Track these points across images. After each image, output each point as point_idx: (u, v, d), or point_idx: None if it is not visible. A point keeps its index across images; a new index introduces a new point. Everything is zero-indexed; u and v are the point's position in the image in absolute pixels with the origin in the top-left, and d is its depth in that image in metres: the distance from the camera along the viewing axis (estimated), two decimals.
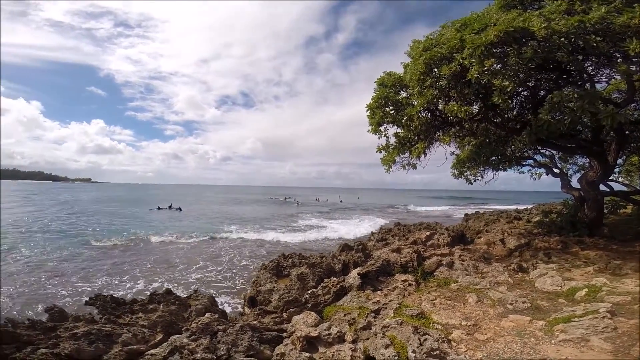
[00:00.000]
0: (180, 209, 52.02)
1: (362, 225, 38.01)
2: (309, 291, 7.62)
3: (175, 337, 5.30)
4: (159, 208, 52.92)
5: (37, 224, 33.62)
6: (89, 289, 14.73)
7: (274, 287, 8.73)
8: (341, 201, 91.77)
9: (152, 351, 5.30)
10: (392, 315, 5.32)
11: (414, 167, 11.22)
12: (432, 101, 8.52)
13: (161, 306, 6.76)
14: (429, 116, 9.99)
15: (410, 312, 5.22)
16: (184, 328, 5.72)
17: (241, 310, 9.72)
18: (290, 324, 6.31)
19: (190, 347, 4.71)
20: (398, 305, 5.67)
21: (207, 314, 5.86)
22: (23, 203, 59.11)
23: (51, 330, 5.46)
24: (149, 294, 7.65)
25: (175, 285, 15.15)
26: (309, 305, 7.33)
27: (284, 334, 5.88)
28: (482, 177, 14.09)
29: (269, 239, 27.83)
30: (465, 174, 13.75)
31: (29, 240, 25.26)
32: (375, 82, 10.71)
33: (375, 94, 10.16)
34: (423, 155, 10.54)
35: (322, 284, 7.76)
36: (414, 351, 3.84)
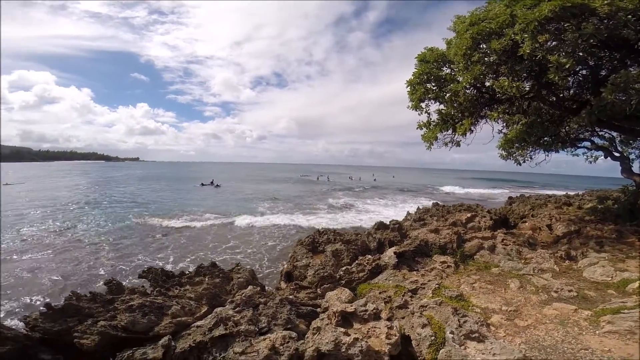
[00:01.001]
0: (218, 186, 58.07)
1: (397, 205, 38.00)
2: (344, 268, 7.91)
3: (220, 309, 5.83)
4: (202, 184, 59.53)
5: (93, 200, 38.34)
6: (139, 262, 16.15)
7: (310, 262, 9.14)
8: (375, 180, 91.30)
9: (198, 323, 5.83)
10: (431, 295, 5.48)
11: (458, 144, 11.05)
12: (478, 77, 8.28)
13: (206, 279, 7.43)
14: (475, 93, 9.65)
15: (449, 294, 5.34)
16: (229, 300, 6.17)
17: (277, 284, 10.23)
18: (324, 299, 6.67)
19: (235, 318, 5.16)
20: (437, 286, 5.80)
21: (249, 287, 6.32)
22: (81, 181, 69.06)
23: (109, 302, 6.14)
24: (193, 267, 8.20)
25: (212, 260, 16.31)
26: (343, 281, 7.66)
27: (318, 309, 6.32)
28: (531, 158, 13.47)
29: (300, 217, 29.08)
30: (513, 154, 13.21)
31: (85, 215, 28.58)
32: (415, 58, 10.60)
33: (416, 70, 10.14)
34: (469, 132, 10.30)
35: (356, 262, 8.02)
36: (452, 332, 4.00)
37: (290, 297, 6.94)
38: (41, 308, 6.08)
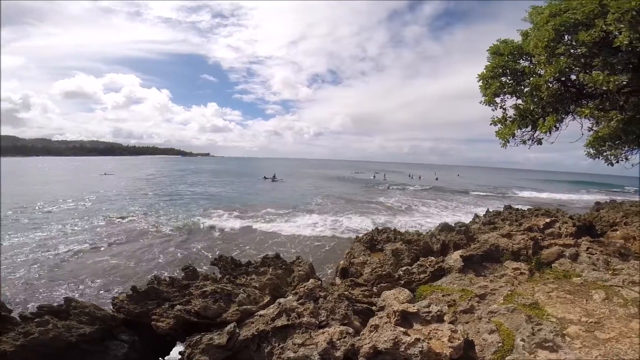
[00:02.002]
0: (276, 180, 65.38)
1: (462, 208, 36.27)
2: (404, 268, 7.94)
3: (284, 300, 6.35)
4: (265, 178, 69.14)
5: (170, 191, 44.84)
6: (204, 249, 18.01)
7: (367, 260, 9.28)
8: (437, 179, 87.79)
9: (261, 312, 6.33)
10: (502, 301, 5.33)
11: (539, 142, 10.49)
12: (564, 70, 7.82)
13: (270, 269, 7.98)
14: (559, 87, 9.07)
15: (522, 301, 5.15)
16: (293, 292, 6.56)
17: (331, 280, 10.47)
18: (381, 298, 6.88)
19: (299, 310, 5.53)
20: (509, 292, 5.59)
21: (311, 280, 6.64)
22: (161, 173, 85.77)
23: (185, 287, 6.85)
24: (259, 258, 8.81)
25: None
26: (402, 282, 7.75)
27: (374, 308, 6.58)
28: (626, 159, 12.08)
29: (353, 216, 29.59)
30: (604, 153, 12.01)
31: (162, 204, 33.60)
32: (487, 50, 10.40)
33: (489, 64, 10.04)
34: (553, 130, 9.72)
35: (418, 262, 7.98)
36: (523, 340, 3.90)
37: (346, 293, 7.11)
38: (128, 291, 6.92)
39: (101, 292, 13.27)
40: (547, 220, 12.06)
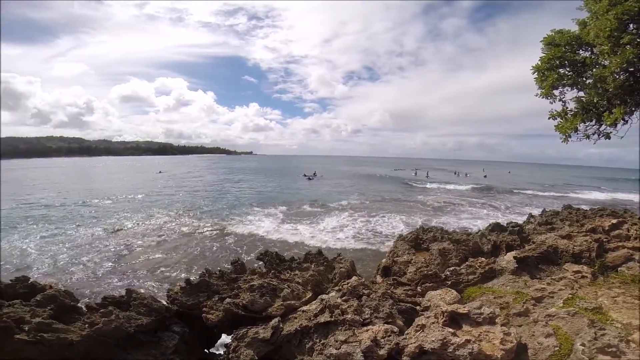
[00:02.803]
0: (313, 178, 70.19)
1: (514, 208, 34.54)
2: (451, 268, 7.86)
3: (327, 296, 6.51)
4: (304, 175, 73.80)
5: (217, 188, 49.76)
6: (246, 244, 19.09)
7: (412, 259, 9.25)
8: (485, 176, 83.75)
9: (304, 308, 6.51)
10: (561, 305, 5.13)
11: (607, 136, 9.99)
12: (632, 61, 7.38)
13: (312, 265, 8.08)
14: (627, 78, 8.61)
15: (584, 305, 4.96)
16: (337, 289, 6.74)
17: (372, 278, 10.48)
18: (425, 298, 6.87)
19: (342, 307, 5.69)
20: (570, 296, 5.37)
21: (354, 278, 6.74)
22: (209, 170, 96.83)
23: (234, 281, 7.27)
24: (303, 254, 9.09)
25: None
26: (449, 282, 7.73)
27: (417, 307, 6.61)
28: None
29: (392, 215, 29.06)
30: None
31: (210, 200, 37.45)
32: (541, 41, 10.15)
33: (544, 55, 9.87)
34: (620, 123, 9.21)
35: (466, 263, 7.87)
36: (583, 344, 3.78)
37: (388, 292, 7.12)
38: (181, 283, 7.40)
39: (153, 283, 14.41)
40: (614, 221, 11.28)
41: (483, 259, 8.34)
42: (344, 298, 6.20)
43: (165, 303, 7.05)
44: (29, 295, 5.95)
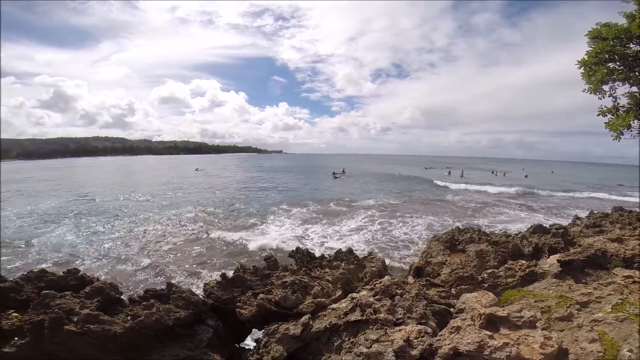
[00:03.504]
0: (337, 176, 72.94)
1: (558, 209, 32.79)
2: (489, 271, 7.76)
3: (359, 295, 6.65)
4: (333, 173, 76.31)
5: (250, 185, 53.74)
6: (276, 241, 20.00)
7: (446, 260, 9.18)
8: (526, 176, 79.97)
9: (333, 305, 6.66)
10: (609, 310, 4.96)
11: None
12: None
13: (342, 264, 8.16)
14: None
15: (635, 311, 4.78)
16: (369, 287, 6.77)
17: (403, 278, 10.47)
18: (460, 300, 6.95)
19: (375, 306, 5.78)
20: (620, 301, 5.20)
21: (387, 277, 6.82)
22: (242, 169, 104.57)
23: (266, 277, 7.53)
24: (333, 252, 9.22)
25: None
26: (486, 285, 7.68)
27: (452, 309, 6.60)
28: None
29: (408, 220, 28.74)
30: None
31: (242, 197, 40.60)
32: (586, 35, 9.70)
33: (591, 49, 9.54)
34: None
35: (505, 266, 7.73)
36: (630, 350, 3.71)
37: (420, 293, 7.11)
38: (217, 277, 7.79)
39: (188, 278, 15.23)
40: None
41: (523, 261, 8.16)
42: (376, 297, 6.27)
43: (201, 297, 7.38)
44: (78, 287, 6.46)
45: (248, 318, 6.97)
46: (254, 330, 7.84)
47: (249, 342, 8.07)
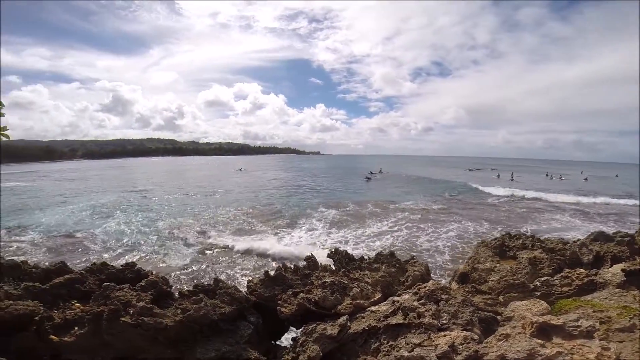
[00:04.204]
0: (370, 177, 74.30)
1: (621, 217, 30.05)
2: (542, 279, 7.52)
3: (400, 298, 6.96)
4: (370, 173, 79.49)
5: (289, 185, 54.70)
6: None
7: (495, 267, 8.96)
8: (586, 179, 74.10)
9: (372, 308, 6.75)
10: None
11: None
12: None
13: (383, 267, 8.16)
14: None
15: None
16: (413, 291, 6.88)
17: (446, 284, 10.30)
18: (509, 308, 6.61)
19: (420, 310, 5.85)
20: None
21: (432, 282, 6.86)
22: (281, 169, 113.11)
23: (306, 276, 7.77)
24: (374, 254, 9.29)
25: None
26: (538, 293, 7.50)
27: (498, 317, 6.39)
28: None
29: (440, 226, 28.13)
30: None
31: (282, 197, 40.65)
32: None
33: None
34: None
35: (561, 274, 7.43)
36: None
37: (467, 299, 6.98)
38: (260, 275, 8.16)
39: (229, 271, 16.05)
40: None
41: (582, 270, 7.77)
42: (421, 301, 6.26)
43: (244, 293, 7.71)
44: (134, 280, 7.04)
45: (287, 316, 7.21)
46: (289, 328, 8.06)
47: (284, 340, 8.35)
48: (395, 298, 6.85)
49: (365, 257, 9.33)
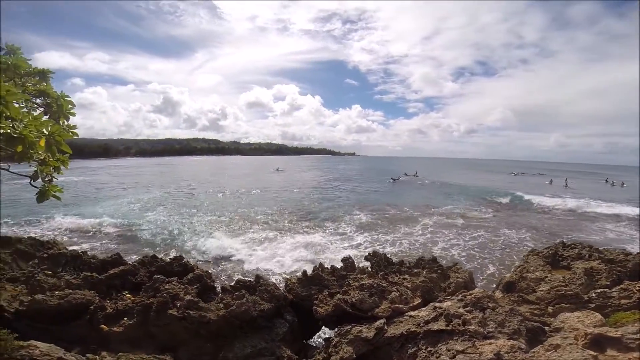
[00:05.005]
0: (396, 179, 75.17)
1: None
2: (599, 290, 7.31)
3: (443, 304, 6.86)
4: (405, 174, 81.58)
5: (324, 186, 56.83)
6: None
7: (546, 277, 8.76)
8: None
9: (412, 313, 6.80)
10: None
11: None
12: None
13: (424, 272, 8.19)
14: None
15: None
16: (455, 298, 6.91)
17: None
18: (558, 319, 6.47)
19: (465, 317, 5.96)
20: None
21: (478, 289, 6.82)
22: (318, 170, 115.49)
23: (343, 278, 7.96)
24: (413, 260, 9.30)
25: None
26: (592, 305, 7.42)
27: (546, 328, 6.27)
28: None
29: (466, 233, 26.42)
30: None
31: (318, 198, 44.01)
32: None
33: None
34: None
35: (621, 286, 7.10)
36: None
37: (514, 308, 6.82)
38: (298, 275, 8.39)
39: (264, 269, 16.77)
40: None
41: None
42: (467, 309, 6.22)
43: (282, 291, 7.94)
44: (181, 273, 7.52)
45: (323, 316, 7.38)
46: (322, 328, 8.27)
47: (313, 340, 8.64)
48: (437, 304, 6.83)
49: (405, 262, 9.32)
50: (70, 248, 7.45)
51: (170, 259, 7.97)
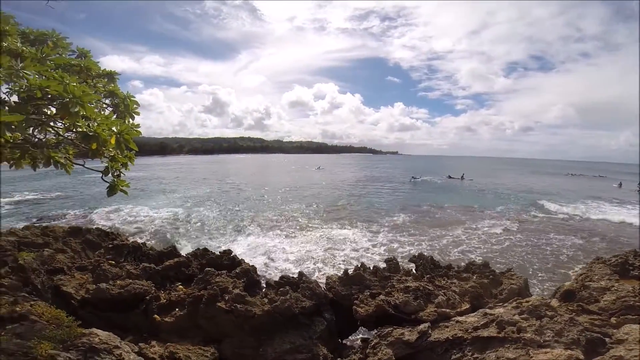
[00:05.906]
0: (416, 178, 74.96)
1: None
2: None
3: (495, 311, 6.60)
4: (449, 177, 79.06)
5: (366, 187, 58.00)
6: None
7: (612, 286, 8.10)
8: None
9: (459, 318, 6.64)
10: None
11: None
12: None
13: (474, 277, 8.18)
14: None
15: None
16: (510, 305, 6.96)
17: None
18: (622, 331, 6.08)
19: (521, 325, 5.95)
20: None
21: (535, 297, 6.64)
22: (359, 168, 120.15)
23: (386, 279, 8.01)
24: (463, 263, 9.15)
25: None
26: None
27: (607, 339, 6.04)
28: None
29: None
30: None
31: (361, 198, 44.19)
32: None
33: None
34: None
35: None
36: None
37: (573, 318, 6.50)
38: (339, 274, 8.51)
39: (304, 266, 17.57)
40: None
41: None
42: (522, 316, 6.05)
43: (323, 289, 8.08)
44: (230, 267, 7.95)
45: (363, 317, 7.47)
46: (359, 329, 8.33)
47: (349, 339, 8.76)
48: (488, 310, 6.70)
49: (454, 266, 9.11)
50: (131, 240, 8.09)
51: (219, 252, 8.42)
